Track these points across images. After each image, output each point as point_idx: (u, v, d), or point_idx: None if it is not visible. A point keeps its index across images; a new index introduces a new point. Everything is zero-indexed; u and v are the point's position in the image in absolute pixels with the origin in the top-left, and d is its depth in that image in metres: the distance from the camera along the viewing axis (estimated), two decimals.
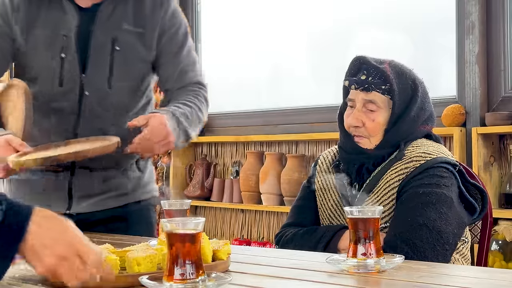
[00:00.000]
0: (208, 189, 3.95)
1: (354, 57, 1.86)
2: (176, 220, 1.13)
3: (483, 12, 2.90)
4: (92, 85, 1.92)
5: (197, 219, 1.12)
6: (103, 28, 1.92)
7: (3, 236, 0.94)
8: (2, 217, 0.94)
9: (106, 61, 1.92)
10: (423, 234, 1.64)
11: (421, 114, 1.81)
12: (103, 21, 1.92)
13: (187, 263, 1.10)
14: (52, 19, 1.91)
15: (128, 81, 1.97)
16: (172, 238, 1.11)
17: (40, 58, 1.92)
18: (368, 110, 1.80)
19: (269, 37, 3.95)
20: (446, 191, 1.70)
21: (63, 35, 1.90)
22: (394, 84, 1.77)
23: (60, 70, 1.90)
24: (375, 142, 1.81)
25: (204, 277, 1.11)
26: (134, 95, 2.01)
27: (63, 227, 0.98)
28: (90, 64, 1.91)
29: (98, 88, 1.92)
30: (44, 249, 0.95)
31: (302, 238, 1.81)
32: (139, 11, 1.97)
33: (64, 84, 1.90)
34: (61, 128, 1.95)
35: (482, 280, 1.24)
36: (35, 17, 1.91)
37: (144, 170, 2.10)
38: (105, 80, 1.92)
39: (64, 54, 1.90)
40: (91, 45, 1.91)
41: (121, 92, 1.96)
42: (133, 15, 1.96)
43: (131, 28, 1.95)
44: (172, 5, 2.04)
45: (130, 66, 1.96)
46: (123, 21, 1.94)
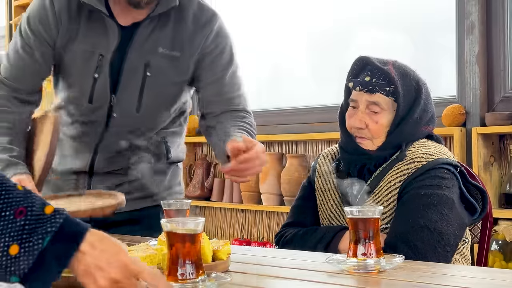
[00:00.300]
0: (208, 189, 3.95)
1: (357, 58, 1.84)
2: (176, 220, 1.13)
3: (483, 12, 2.90)
4: (121, 107, 1.89)
5: (197, 219, 1.12)
6: (137, 51, 1.86)
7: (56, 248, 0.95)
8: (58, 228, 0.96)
9: (137, 86, 1.88)
10: (424, 235, 1.64)
11: (424, 116, 1.81)
12: (139, 44, 1.86)
13: (187, 263, 1.10)
14: (93, 35, 1.86)
15: (158, 105, 1.94)
16: (172, 238, 1.11)
17: (75, 72, 1.89)
18: (371, 111, 1.78)
19: (269, 37, 3.95)
20: (447, 193, 1.70)
21: (100, 54, 1.85)
22: (399, 86, 1.76)
23: (91, 89, 1.87)
24: (377, 144, 1.80)
25: (204, 277, 1.11)
26: (165, 113, 1.98)
27: (117, 249, 0.99)
28: (120, 87, 1.88)
29: (127, 111, 1.89)
30: (98, 270, 0.97)
31: (302, 239, 1.80)
32: (179, 34, 1.88)
33: (94, 102, 1.88)
34: (86, 139, 1.94)
35: (482, 280, 1.24)
36: (75, 30, 1.86)
37: (167, 172, 2.06)
38: (134, 104, 1.89)
39: (97, 74, 1.86)
40: (124, 67, 1.86)
41: (150, 114, 1.93)
42: (172, 38, 1.88)
43: (167, 51, 1.88)
44: (217, 25, 1.94)
45: (161, 90, 1.91)
46: (160, 45, 1.87)
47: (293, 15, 3.84)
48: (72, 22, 1.86)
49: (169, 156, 2.02)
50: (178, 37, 1.88)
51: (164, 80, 1.89)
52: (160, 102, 1.93)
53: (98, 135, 1.93)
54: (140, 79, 1.87)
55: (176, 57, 1.89)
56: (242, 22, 4.05)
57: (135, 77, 1.87)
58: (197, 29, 1.90)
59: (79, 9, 1.85)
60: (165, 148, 2.01)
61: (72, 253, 0.96)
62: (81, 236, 0.97)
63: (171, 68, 1.89)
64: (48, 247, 0.95)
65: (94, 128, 1.92)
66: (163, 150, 2.01)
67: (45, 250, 0.94)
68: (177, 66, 1.89)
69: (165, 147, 2.01)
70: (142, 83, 1.87)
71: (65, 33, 1.86)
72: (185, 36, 1.89)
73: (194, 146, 4.16)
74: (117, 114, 1.89)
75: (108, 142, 1.93)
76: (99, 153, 1.94)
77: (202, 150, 4.14)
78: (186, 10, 1.90)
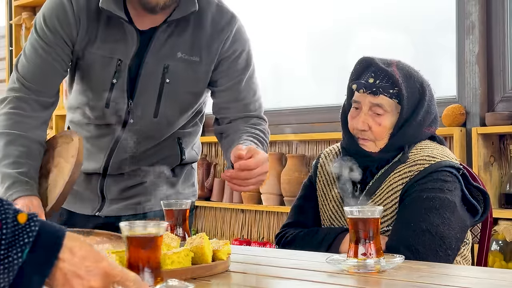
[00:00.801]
0: (208, 189, 3.95)
1: (361, 58, 1.82)
2: (136, 224, 1.08)
3: (483, 12, 2.90)
4: (138, 113, 1.87)
5: (158, 223, 1.07)
6: (155, 56, 1.83)
7: (36, 258, 0.90)
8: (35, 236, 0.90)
9: (155, 91, 1.85)
10: (425, 239, 1.63)
11: (427, 117, 1.79)
12: (157, 49, 1.83)
13: (146, 270, 1.05)
14: (112, 40, 1.83)
15: (177, 110, 1.91)
16: (131, 242, 1.06)
17: (93, 76, 1.86)
18: (374, 113, 1.77)
19: (269, 37, 3.95)
20: (449, 196, 1.69)
21: (119, 59, 1.82)
22: (403, 88, 1.74)
23: (108, 94, 1.85)
24: (380, 146, 1.79)
25: (163, 284, 1.07)
26: (183, 117, 1.95)
27: (97, 256, 0.94)
28: (137, 93, 1.85)
29: (144, 116, 1.87)
30: (77, 279, 0.91)
31: (303, 240, 1.80)
32: (197, 39, 1.85)
33: (110, 107, 1.86)
34: (102, 141, 1.92)
35: (482, 280, 1.24)
36: (94, 33, 1.83)
37: (179, 175, 2.04)
38: (151, 110, 1.86)
39: (115, 80, 1.83)
40: (141, 73, 1.84)
41: (168, 119, 1.91)
42: (191, 43, 1.85)
43: (186, 57, 1.85)
44: (235, 29, 1.90)
45: (179, 96, 1.88)
46: (179, 49, 1.84)
47: (293, 15, 3.83)
48: (91, 25, 1.82)
49: (183, 157, 2.00)
50: (197, 42, 1.85)
51: (183, 86, 1.87)
52: (178, 107, 1.91)
53: (114, 138, 1.90)
54: (158, 84, 1.84)
55: (196, 62, 1.85)
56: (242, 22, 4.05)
57: (153, 82, 1.84)
58: (214, 33, 1.87)
59: (98, 12, 1.82)
60: (179, 150, 1.99)
61: (53, 262, 0.90)
62: (59, 242, 0.91)
63: (190, 73, 1.86)
64: (28, 259, 0.89)
65: (110, 131, 1.90)
66: (177, 152, 1.99)
67: (24, 263, 0.89)
68: (196, 72, 1.86)
69: (179, 148, 1.99)
70: (160, 89, 1.85)
71: (85, 35, 1.83)
72: (204, 41, 1.86)
73: None
74: (134, 119, 1.87)
75: (123, 145, 1.90)
76: (114, 155, 1.92)
77: (202, 150, 4.13)
78: (205, 13, 1.86)
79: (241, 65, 1.93)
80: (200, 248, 1.29)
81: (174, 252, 1.26)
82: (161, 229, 1.07)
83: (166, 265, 1.24)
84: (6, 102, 1.83)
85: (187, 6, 1.81)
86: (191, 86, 1.88)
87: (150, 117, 1.87)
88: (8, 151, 1.75)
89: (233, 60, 1.91)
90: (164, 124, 1.91)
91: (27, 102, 1.83)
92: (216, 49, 1.87)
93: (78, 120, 1.97)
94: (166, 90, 1.85)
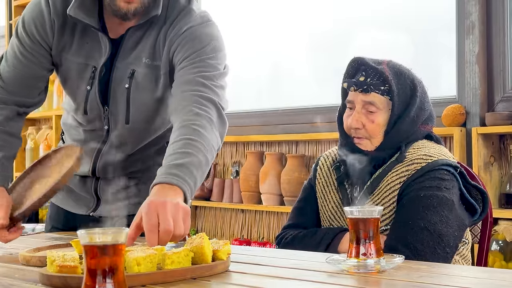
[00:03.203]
0: (208, 189, 3.95)
1: (352, 59, 1.85)
2: (95, 231, 0.98)
3: (483, 12, 2.90)
4: (114, 119, 1.87)
5: (118, 229, 0.98)
6: (123, 62, 1.83)
7: None
8: None
9: (123, 97, 1.84)
10: (424, 237, 1.64)
11: (420, 114, 1.81)
12: (125, 54, 1.83)
13: (108, 281, 0.96)
14: (87, 47, 1.83)
15: (144, 116, 1.89)
16: (91, 250, 0.96)
17: (70, 83, 1.88)
18: (367, 111, 1.79)
19: (270, 37, 3.95)
20: (447, 194, 1.70)
21: (93, 66, 1.82)
22: (393, 84, 1.76)
23: (85, 101, 1.85)
24: (375, 144, 1.80)
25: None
26: (158, 121, 1.93)
27: None
28: (111, 100, 1.85)
29: (118, 123, 1.87)
30: None
31: (302, 241, 1.80)
32: (158, 43, 1.82)
33: (88, 113, 1.87)
34: (89, 145, 1.92)
35: (482, 280, 1.24)
36: (70, 39, 1.83)
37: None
38: (123, 117, 1.86)
39: (89, 87, 1.83)
40: (112, 79, 1.84)
41: (140, 125, 1.89)
42: (153, 47, 1.83)
43: (149, 62, 1.83)
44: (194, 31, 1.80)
45: (145, 101, 1.86)
46: (144, 55, 1.82)
47: (294, 16, 3.84)
48: (66, 31, 1.83)
49: None
50: (157, 46, 1.83)
51: (146, 92, 1.85)
52: (145, 113, 1.88)
53: (100, 142, 1.91)
54: (125, 90, 1.84)
55: (157, 67, 1.83)
56: (243, 22, 4.05)
57: (122, 88, 1.84)
58: (174, 37, 1.81)
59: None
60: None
61: None
62: None
63: (153, 78, 1.84)
64: None
65: (95, 136, 1.91)
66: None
67: None
68: (158, 76, 1.84)
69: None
70: (127, 95, 1.84)
71: (60, 40, 1.84)
72: (162, 44, 1.83)
73: None
74: (110, 126, 1.88)
75: (109, 149, 1.91)
76: (99, 160, 1.92)
77: None
78: (171, 17, 1.83)
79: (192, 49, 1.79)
80: (200, 248, 1.29)
81: (174, 252, 1.26)
82: (122, 235, 0.98)
83: (166, 265, 1.24)
84: None
85: (151, 10, 1.79)
86: (154, 92, 1.86)
87: (122, 123, 1.87)
88: None
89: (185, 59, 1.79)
90: (139, 130, 1.90)
91: (6, 102, 1.86)
92: (171, 52, 1.81)
93: (70, 123, 1.98)
94: (133, 96, 1.84)
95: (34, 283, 1.23)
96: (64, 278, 1.18)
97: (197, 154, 1.55)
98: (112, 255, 0.96)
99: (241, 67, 4.03)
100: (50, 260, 1.25)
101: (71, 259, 1.24)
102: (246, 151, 3.81)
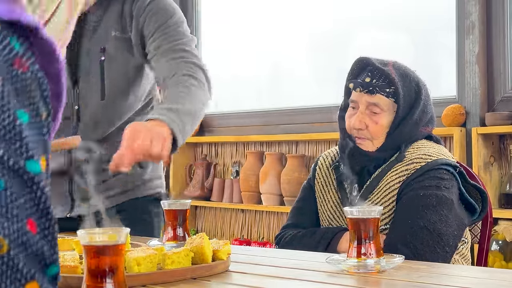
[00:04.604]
0: (208, 189, 3.95)
1: (357, 58, 1.84)
2: (95, 231, 0.98)
3: (483, 12, 2.90)
4: (85, 98, 1.88)
5: (118, 229, 0.98)
6: (91, 37, 1.86)
7: None
8: None
9: (96, 73, 1.86)
10: (423, 236, 1.64)
11: (423, 117, 1.81)
12: (91, 30, 1.86)
13: (107, 282, 0.96)
14: None
15: (122, 89, 1.91)
16: (91, 250, 0.96)
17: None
18: (371, 112, 1.78)
19: (270, 37, 3.95)
20: (446, 193, 1.70)
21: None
22: (399, 87, 1.75)
23: None
24: (377, 145, 1.80)
25: None
26: (131, 98, 1.95)
27: None
28: (81, 77, 1.87)
29: (92, 100, 1.88)
30: None
31: (302, 241, 1.80)
32: (124, 14, 1.88)
33: None
34: (61, 135, 1.88)
35: (482, 280, 1.24)
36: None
37: (146, 166, 2.03)
38: (97, 92, 1.87)
39: None
40: (81, 56, 1.85)
41: (115, 100, 1.90)
42: (120, 20, 1.88)
43: (119, 34, 1.87)
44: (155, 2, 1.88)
45: (121, 73, 1.89)
46: (112, 29, 1.86)
47: (294, 16, 3.84)
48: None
49: None
50: (123, 19, 1.88)
51: (121, 62, 1.88)
52: (123, 85, 1.91)
53: (71, 131, 1.90)
54: (98, 65, 1.85)
55: (128, 39, 1.87)
56: (243, 22, 4.05)
57: (94, 64, 1.86)
58: (139, 8, 1.87)
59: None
60: None
61: None
62: None
63: (126, 50, 1.88)
64: None
65: (67, 125, 1.89)
66: None
67: None
68: (130, 47, 1.88)
69: None
70: (101, 69, 1.86)
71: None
72: (129, 17, 1.88)
73: (194, 146, 4.16)
74: (83, 105, 1.87)
75: (84, 129, 1.89)
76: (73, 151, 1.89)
77: (202, 150, 4.14)
78: None
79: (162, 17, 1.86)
80: (200, 248, 1.29)
81: (174, 252, 1.26)
82: (122, 235, 0.97)
83: (166, 265, 1.24)
84: None
85: None
86: (127, 63, 1.89)
87: (96, 100, 1.87)
88: None
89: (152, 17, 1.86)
90: (113, 107, 1.91)
91: None
92: (140, 24, 1.87)
93: None
94: (107, 68, 1.86)
95: None
96: (64, 278, 1.18)
97: (186, 104, 1.67)
98: (112, 255, 0.96)
99: (241, 67, 4.03)
100: None
101: (71, 259, 1.24)
102: (246, 151, 3.81)
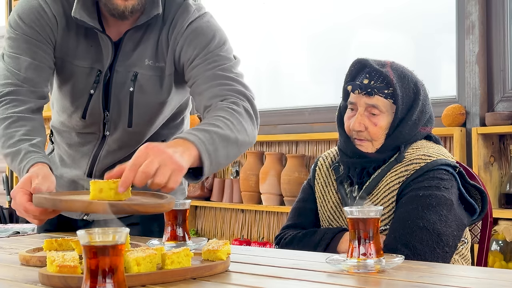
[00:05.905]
0: (208, 189, 3.95)
1: (355, 60, 1.84)
2: (95, 231, 0.97)
3: (483, 12, 2.90)
4: (114, 124, 1.83)
5: (118, 229, 0.97)
6: (124, 64, 1.78)
7: None
8: None
9: (126, 101, 1.79)
10: (423, 236, 1.64)
11: (422, 117, 1.81)
12: (125, 57, 1.77)
13: (108, 281, 0.95)
14: (91, 50, 1.78)
15: (146, 118, 1.84)
16: (91, 251, 0.95)
17: (72, 86, 1.82)
18: (370, 114, 1.78)
19: (270, 37, 3.95)
20: (446, 194, 1.70)
21: (98, 70, 1.77)
22: (397, 88, 1.76)
23: (85, 105, 1.80)
24: (376, 146, 1.80)
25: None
26: (159, 120, 1.89)
27: None
28: (112, 104, 1.80)
29: (119, 127, 1.83)
30: None
31: (302, 241, 1.80)
32: (161, 43, 1.78)
33: (87, 117, 1.81)
34: (84, 148, 1.88)
35: (482, 280, 1.24)
36: (74, 42, 1.78)
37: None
38: (125, 120, 1.81)
39: (93, 91, 1.78)
40: (113, 83, 1.79)
41: (143, 126, 1.85)
42: (156, 48, 1.78)
43: (152, 64, 1.78)
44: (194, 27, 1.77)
45: (149, 103, 1.82)
46: (146, 56, 1.77)
47: (293, 16, 3.84)
48: (71, 34, 1.78)
49: None
50: (160, 46, 1.79)
51: (150, 94, 1.81)
52: (148, 116, 1.85)
53: (97, 145, 1.87)
54: (128, 93, 1.79)
55: (161, 68, 1.79)
56: (243, 22, 4.05)
57: (124, 91, 1.79)
58: (178, 35, 1.78)
59: (73, 20, 1.76)
60: None
61: None
62: None
63: (156, 80, 1.80)
64: None
65: (92, 139, 1.87)
66: None
67: None
68: (162, 78, 1.80)
69: None
70: (130, 98, 1.79)
71: (65, 43, 1.78)
72: (165, 45, 1.79)
73: None
74: (110, 130, 1.83)
75: (106, 153, 1.87)
76: (98, 162, 1.88)
77: None
78: (170, 15, 1.79)
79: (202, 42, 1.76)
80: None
81: (173, 252, 1.26)
82: (122, 235, 0.97)
83: (166, 265, 1.24)
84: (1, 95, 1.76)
85: (151, 10, 1.74)
86: (158, 94, 1.82)
87: (124, 127, 1.82)
88: (12, 131, 1.68)
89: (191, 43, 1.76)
90: (140, 133, 1.87)
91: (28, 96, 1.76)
92: (177, 52, 1.78)
93: (60, 127, 1.93)
94: (136, 99, 1.79)
95: (34, 283, 1.23)
96: (64, 278, 1.18)
97: (224, 128, 1.55)
98: (112, 255, 0.95)
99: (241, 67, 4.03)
100: (50, 260, 1.25)
101: (71, 259, 1.24)
102: (246, 151, 3.81)
